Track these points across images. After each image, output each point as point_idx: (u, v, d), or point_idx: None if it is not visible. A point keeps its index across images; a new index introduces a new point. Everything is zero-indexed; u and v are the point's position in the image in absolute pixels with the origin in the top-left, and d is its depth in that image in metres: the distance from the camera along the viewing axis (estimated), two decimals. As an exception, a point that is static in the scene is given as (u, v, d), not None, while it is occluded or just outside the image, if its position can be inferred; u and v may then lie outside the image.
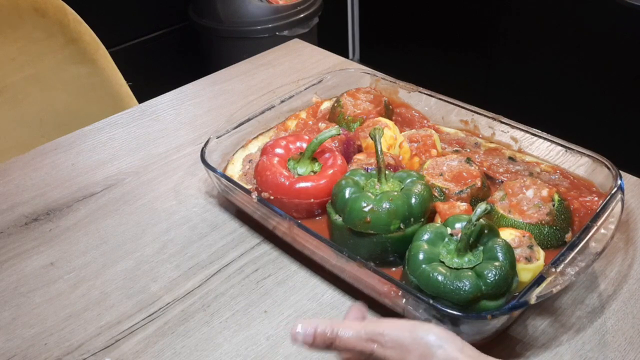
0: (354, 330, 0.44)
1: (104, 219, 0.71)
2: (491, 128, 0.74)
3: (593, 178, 0.65)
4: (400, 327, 0.43)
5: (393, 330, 0.43)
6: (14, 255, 0.66)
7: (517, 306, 0.48)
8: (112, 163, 0.81)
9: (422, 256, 0.52)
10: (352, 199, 0.58)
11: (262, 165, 0.66)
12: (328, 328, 0.44)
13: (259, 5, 2.00)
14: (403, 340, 0.42)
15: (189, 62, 2.20)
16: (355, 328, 0.44)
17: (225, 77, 1.01)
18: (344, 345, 0.44)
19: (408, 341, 0.42)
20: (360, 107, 0.78)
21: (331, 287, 0.60)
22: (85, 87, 1.14)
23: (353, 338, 0.44)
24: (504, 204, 0.60)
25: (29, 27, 1.07)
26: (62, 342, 0.56)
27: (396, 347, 0.42)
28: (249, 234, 0.67)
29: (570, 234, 0.59)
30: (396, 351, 0.42)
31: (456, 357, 0.41)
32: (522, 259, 0.54)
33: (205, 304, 0.59)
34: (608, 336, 0.54)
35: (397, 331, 0.43)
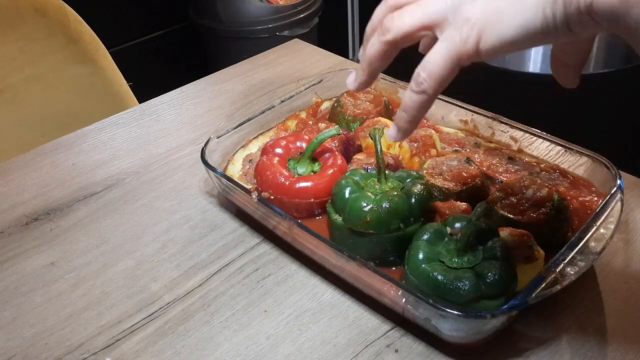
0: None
1: (105, 219, 0.71)
2: (491, 128, 0.74)
3: (593, 178, 0.65)
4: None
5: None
6: (14, 255, 0.67)
7: (517, 306, 0.48)
8: (113, 163, 0.81)
9: (422, 256, 0.52)
10: (352, 199, 0.58)
11: (262, 165, 0.66)
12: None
13: (259, 5, 2.01)
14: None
15: (189, 62, 2.20)
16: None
17: (225, 77, 1.01)
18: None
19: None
20: (360, 107, 0.78)
21: (331, 286, 0.60)
22: (85, 87, 1.15)
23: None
24: (503, 204, 0.60)
25: (29, 27, 1.07)
26: (63, 341, 0.56)
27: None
28: (249, 233, 0.68)
29: (569, 233, 0.59)
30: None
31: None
32: (522, 258, 0.54)
33: (206, 304, 0.59)
34: (608, 336, 0.54)
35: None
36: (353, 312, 0.57)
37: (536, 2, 0.32)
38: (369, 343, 0.54)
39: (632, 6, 0.31)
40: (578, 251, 0.53)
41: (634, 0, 0.31)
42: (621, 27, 0.32)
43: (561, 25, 0.33)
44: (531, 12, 0.33)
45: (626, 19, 0.32)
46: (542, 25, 0.33)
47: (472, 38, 0.34)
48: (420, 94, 0.37)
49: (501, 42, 0.34)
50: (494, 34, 0.33)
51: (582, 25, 0.33)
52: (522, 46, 0.34)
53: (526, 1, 0.33)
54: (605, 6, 0.31)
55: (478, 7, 0.34)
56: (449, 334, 0.52)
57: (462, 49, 0.35)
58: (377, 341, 0.54)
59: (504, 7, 0.33)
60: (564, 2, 0.32)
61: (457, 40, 0.35)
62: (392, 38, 0.38)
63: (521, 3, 0.33)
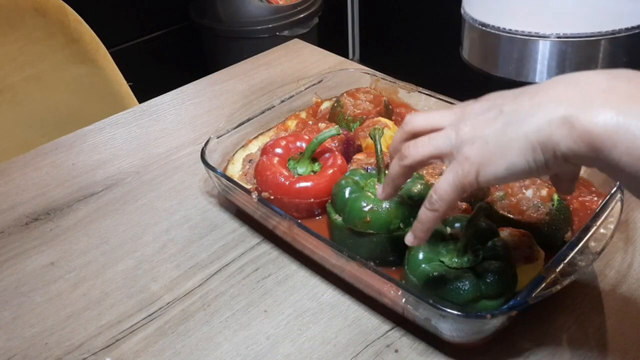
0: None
1: (105, 219, 0.71)
2: (491, 128, 0.74)
3: (592, 177, 0.65)
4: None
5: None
6: (14, 255, 0.67)
7: (517, 306, 0.48)
8: (113, 163, 0.81)
9: (422, 256, 0.52)
10: (352, 199, 0.58)
11: (262, 165, 0.66)
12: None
13: (259, 5, 2.00)
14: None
15: (189, 62, 2.20)
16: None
17: (225, 77, 1.01)
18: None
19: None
20: (360, 107, 0.78)
21: (331, 286, 0.60)
22: (85, 87, 1.15)
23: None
24: (503, 204, 0.60)
25: (29, 27, 1.07)
26: (63, 341, 0.56)
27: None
28: (249, 233, 0.68)
29: (569, 233, 0.59)
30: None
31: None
32: (522, 258, 0.54)
33: (206, 304, 0.59)
34: (608, 336, 0.54)
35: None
36: (353, 312, 0.57)
37: (519, 150, 0.40)
38: (369, 343, 0.54)
39: (598, 153, 0.37)
40: (578, 251, 0.53)
41: (599, 148, 0.36)
42: (596, 166, 0.38)
43: (541, 168, 0.40)
44: (515, 157, 0.40)
45: (598, 162, 0.38)
46: (525, 168, 0.40)
47: (472, 173, 0.42)
48: (434, 211, 0.46)
49: (495, 177, 0.42)
50: (489, 171, 0.42)
51: (560, 166, 0.40)
52: (513, 180, 0.43)
53: (511, 149, 0.40)
54: (576, 154, 0.38)
55: (475, 149, 0.42)
56: (449, 334, 0.52)
57: (465, 181, 0.43)
58: (377, 341, 0.54)
59: (495, 152, 0.41)
60: (541, 150, 0.39)
61: (460, 173, 0.43)
62: (409, 164, 0.47)
63: (508, 150, 0.40)
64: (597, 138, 0.36)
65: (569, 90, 0.39)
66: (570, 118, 0.37)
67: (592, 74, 0.40)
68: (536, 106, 0.40)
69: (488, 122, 0.42)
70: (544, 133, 0.39)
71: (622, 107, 0.36)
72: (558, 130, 0.38)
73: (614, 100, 0.37)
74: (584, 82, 0.39)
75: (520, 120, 0.40)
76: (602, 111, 0.36)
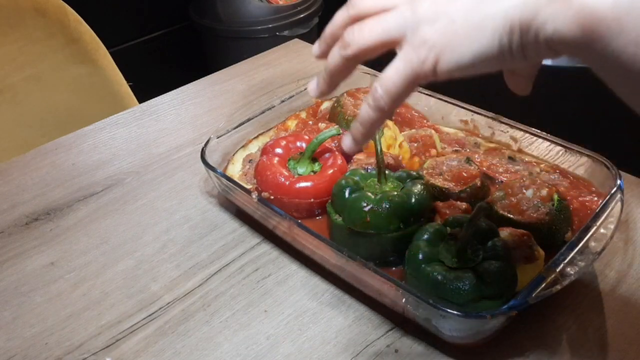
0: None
1: (105, 219, 0.71)
2: (491, 128, 0.74)
3: (592, 178, 0.65)
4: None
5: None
6: (14, 255, 0.67)
7: (517, 306, 0.48)
8: (113, 163, 0.81)
9: (422, 256, 0.52)
10: (352, 199, 0.58)
11: (262, 165, 0.66)
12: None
13: (259, 5, 2.00)
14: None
15: (189, 62, 2.20)
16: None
17: (225, 77, 1.01)
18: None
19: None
20: (360, 107, 0.78)
21: (331, 286, 0.60)
22: (85, 87, 1.15)
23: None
24: (503, 204, 0.60)
25: (29, 27, 1.07)
26: (63, 341, 0.56)
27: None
28: (249, 233, 0.68)
29: (569, 233, 0.59)
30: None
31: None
32: (522, 258, 0.54)
33: (206, 304, 0.59)
34: (608, 336, 0.54)
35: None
36: (353, 312, 0.57)
37: (493, 30, 0.32)
38: (369, 343, 0.54)
39: (595, 40, 0.30)
40: (578, 251, 0.53)
41: (600, 34, 0.29)
42: (582, 56, 0.32)
43: (517, 53, 0.33)
44: (487, 39, 0.33)
45: (589, 51, 0.31)
46: (498, 53, 0.33)
47: (430, 60, 0.35)
48: (377, 110, 0.38)
49: (458, 66, 0.34)
50: (452, 58, 0.34)
51: (539, 54, 0.33)
52: (479, 70, 0.35)
53: (484, 29, 0.33)
54: (564, 38, 0.31)
55: (436, 29, 0.34)
56: (449, 334, 0.52)
57: (419, 70, 0.35)
58: (377, 341, 0.54)
59: (462, 33, 0.33)
60: (520, 31, 0.32)
61: (415, 61, 0.35)
62: (352, 53, 0.39)
63: (479, 30, 0.33)
64: (600, 20, 0.29)
65: None
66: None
67: None
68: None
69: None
70: (529, 9, 0.31)
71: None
72: (548, 6, 0.31)
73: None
74: None
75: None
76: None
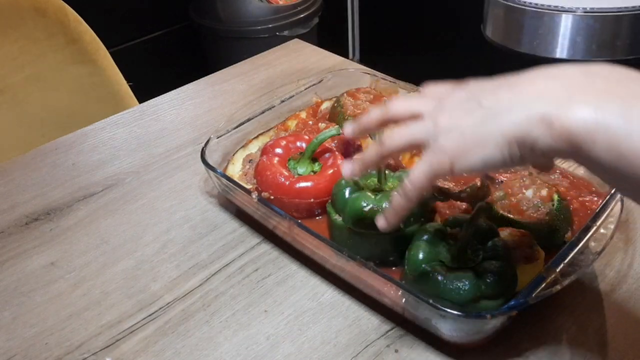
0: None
1: (105, 219, 0.71)
2: (491, 128, 0.74)
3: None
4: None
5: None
6: (14, 255, 0.67)
7: (517, 306, 0.48)
8: (113, 163, 0.81)
9: (422, 256, 0.52)
10: (352, 199, 0.58)
11: (262, 165, 0.66)
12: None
13: (259, 5, 2.00)
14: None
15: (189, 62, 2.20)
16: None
17: (225, 77, 1.01)
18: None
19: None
20: (360, 107, 0.78)
21: (331, 286, 0.60)
22: (85, 87, 1.14)
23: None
24: (503, 204, 0.60)
25: (29, 27, 1.07)
26: (63, 341, 0.56)
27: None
28: (249, 233, 0.68)
29: (569, 233, 0.59)
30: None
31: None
32: (522, 258, 0.54)
33: (206, 304, 0.59)
34: (608, 336, 0.54)
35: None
36: (353, 312, 0.57)
37: (494, 144, 0.40)
38: (369, 343, 0.54)
39: (578, 150, 0.37)
40: (578, 251, 0.53)
41: (579, 145, 0.36)
42: (575, 161, 0.39)
43: (516, 161, 0.40)
44: (491, 151, 0.41)
45: (577, 158, 0.38)
46: (501, 160, 0.41)
47: (447, 164, 0.43)
48: (407, 199, 0.47)
49: (470, 169, 0.42)
50: (464, 163, 0.42)
51: (537, 159, 0.41)
52: (488, 171, 0.46)
53: (487, 143, 0.41)
54: (555, 150, 0.38)
55: (452, 140, 0.43)
56: (448, 334, 0.52)
57: (439, 170, 0.44)
58: (377, 341, 0.54)
59: (471, 144, 0.42)
60: (517, 146, 0.39)
61: (435, 164, 0.44)
62: (386, 152, 0.49)
63: (483, 144, 0.41)
64: (576, 136, 0.36)
65: (548, 85, 0.39)
66: (549, 116, 0.37)
67: (571, 69, 0.39)
68: (515, 101, 0.40)
69: (466, 114, 0.43)
70: (521, 130, 0.39)
71: (600, 103, 0.36)
72: (536, 128, 0.38)
73: (592, 97, 0.37)
74: (562, 77, 0.39)
75: (497, 114, 0.40)
76: (580, 108, 0.36)
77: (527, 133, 0.38)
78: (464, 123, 0.42)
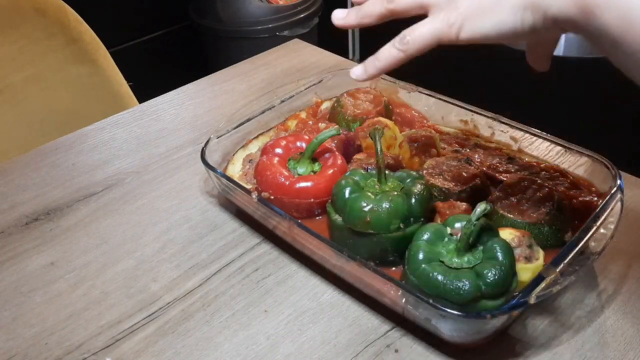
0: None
1: (105, 219, 0.71)
2: (491, 128, 0.74)
3: (593, 178, 0.65)
4: None
5: None
6: (14, 255, 0.67)
7: (517, 306, 0.48)
8: (113, 163, 0.81)
9: (422, 256, 0.52)
10: (352, 199, 0.58)
11: (262, 165, 0.66)
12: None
13: (259, 5, 2.00)
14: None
15: (189, 62, 2.20)
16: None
17: (225, 77, 1.01)
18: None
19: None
20: (360, 107, 0.78)
21: (331, 286, 0.60)
22: (85, 87, 1.14)
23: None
24: (503, 204, 0.60)
25: (29, 27, 1.07)
26: (63, 341, 0.56)
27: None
28: (249, 233, 0.68)
29: (569, 233, 0.59)
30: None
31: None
32: (522, 258, 0.54)
33: (206, 304, 0.59)
34: (608, 336, 0.54)
35: None
36: (353, 312, 0.57)
37: (510, 7, 0.40)
38: (369, 343, 0.54)
39: (589, 16, 0.37)
40: (578, 251, 0.53)
41: (592, 10, 0.37)
42: (583, 33, 0.39)
43: (529, 29, 0.41)
44: (504, 14, 0.40)
45: (586, 27, 0.38)
46: (512, 27, 0.41)
47: (457, 24, 0.42)
48: (400, 51, 0.46)
49: (479, 33, 0.42)
50: (474, 26, 0.42)
51: (547, 29, 0.41)
52: (495, 40, 0.43)
53: (502, 6, 0.41)
54: (566, 16, 0.39)
55: (468, 3, 0.42)
56: (449, 334, 0.52)
57: (447, 30, 0.43)
58: (377, 341, 0.54)
59: (486, 7, 0.41)
60: (531, 10, 0.40)
61: (445, 22, 0.43)
62: (393, 7, 0.47)
63: (498, 7, 0.41)
64: (591, 1, 0.37)
65: None
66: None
67: None
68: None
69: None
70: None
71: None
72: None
73: None
74: None
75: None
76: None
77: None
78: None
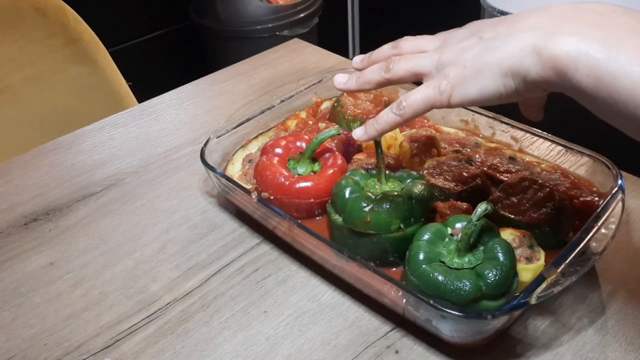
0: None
1: (104, 219, 0.71)
2: (491, 128, 0.74)
3: (593, 178, 0.65)
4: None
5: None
6: (13, 255, 0.66)
7: (518, 306, 0.48)
8: (112, 163, 0.81)
9: (422, 256, 0.52)
10: (352, 199, 0.57)
11: (262, 165, 0.66)
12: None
13: (259, 5, 2.00)
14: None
15: (189, 62, 2.20)
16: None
17: (225, 77, 1.01)
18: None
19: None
20: (360, 107, 0.78)
21: (331, 287, 0.60)
22: (85, 86, 1.14)
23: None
24: (504, 204, 0.60)
25: (29, 27, 1.07)
26: (62, 342, 0.56)
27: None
28: (248, 234, 0.67)
29: (570, 234, 0.59)
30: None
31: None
32: (523, 259, 0.54)
33: (205, 304, 0.59)
34: (608, 336, 0.54)
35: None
36: (353, 313, 0.57)
37: (491, 75, 0.44)
38: (370, 344, 0.54)
39: (564, 77, 0.40)
40: (579, 251, 0.52)
41: (564, 71, 0.40)
42: (562, 91, 0.42)
43: (513, 93, 0.44)
44: (488, 81, 0.44)
45: (563, 86, 0.41)
46: (497, 92, 0.44)
47: (447, 92, 0.46)
48: (397, 116, 0.49)
49: (466, 99, 0.46)
50: (462, 92, 0.45)
51: (529, 92, 0.44)
52: (484, 104, 0.46)
53: (484, 73, 0.44)
54: (544, 79, 0.41)
55: (454, 71, 0.46)
56: (449, 335, 0.52)
57: (438, 98, 0.47)
58: (378, 342, 0.54)
59: (470, 75, 0.45)
60: (512, 76, 0.43)
61: (436, 90, 0.47)
62: (389, 77, 0.51)
63: (481, 74, 0.44)
64: (561, 62, 0.40)
65: (541, 19, 0.43)
66: (539, 46, 0.41)
67: (563, 5, 0.43)
68: (512, 34, 0.44)
69: (468, 48, 0.46)
70: (515, 60, 0.42)
71: (584, 33, 0.40)
72: (528, 57, 0.42)
73: (577, 27, 0.40)
74: (554, 11, 0.43)
75: (495, 47, 0.44)
76: (566, 38, 0.40)
77: (520, 63, 0.42)
78: (466, 56, 0.46)
